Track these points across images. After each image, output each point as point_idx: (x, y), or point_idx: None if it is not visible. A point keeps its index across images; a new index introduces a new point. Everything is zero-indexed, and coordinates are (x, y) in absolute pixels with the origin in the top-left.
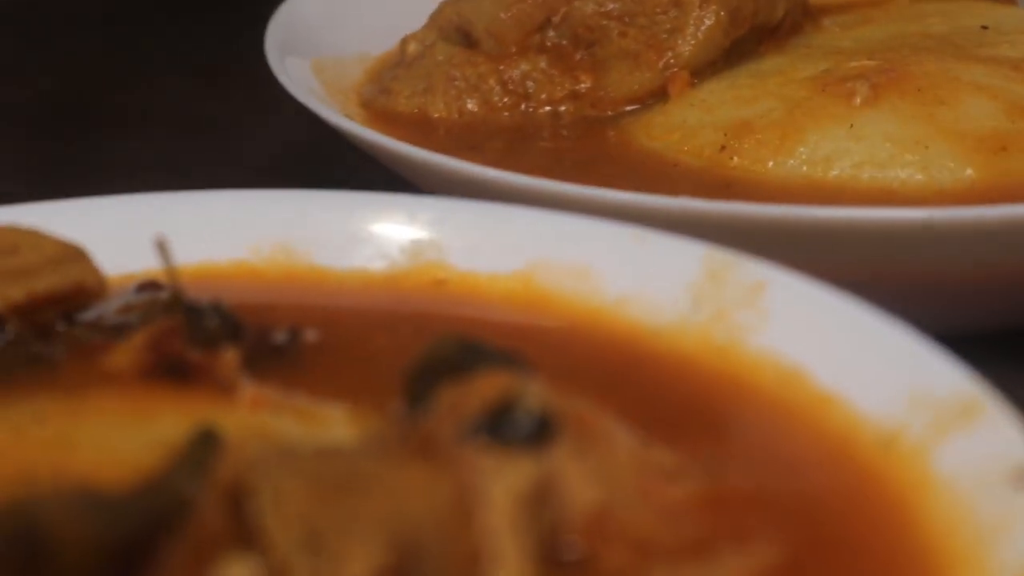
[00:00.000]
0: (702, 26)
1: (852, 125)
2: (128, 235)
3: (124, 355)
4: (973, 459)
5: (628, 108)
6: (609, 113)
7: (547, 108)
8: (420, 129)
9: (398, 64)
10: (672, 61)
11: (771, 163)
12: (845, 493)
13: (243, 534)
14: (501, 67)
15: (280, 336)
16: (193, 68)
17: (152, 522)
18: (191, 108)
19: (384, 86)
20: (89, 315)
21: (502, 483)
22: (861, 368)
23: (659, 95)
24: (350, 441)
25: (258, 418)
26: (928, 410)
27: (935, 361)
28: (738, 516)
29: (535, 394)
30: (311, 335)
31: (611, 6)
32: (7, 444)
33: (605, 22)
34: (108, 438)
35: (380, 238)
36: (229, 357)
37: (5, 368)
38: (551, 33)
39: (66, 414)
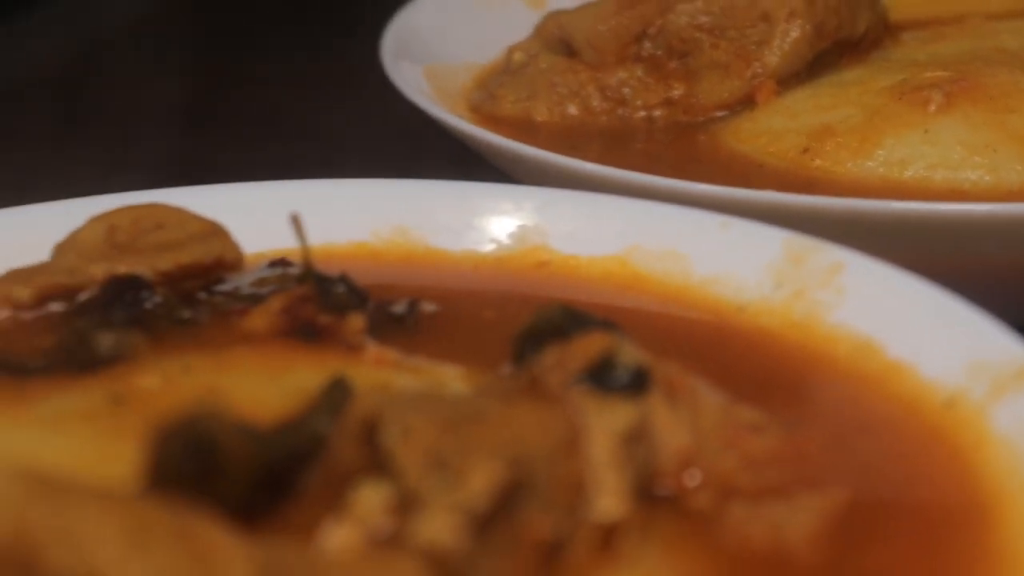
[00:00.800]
0: (788, 38)
1: (927, 130)
2: (261, 218)
3: (261, 318)
4: None
5: (718, 114)
6: (700, 119)
7: (642, 113)
8: (524, 131)
9: (504, 72)
10: (759, 71)
11: (850, 164)
12: (910, 448)
13: (374, 464)
14: (600, 75)
15: (400, 307)
16: (309, 79)
17: (294, 455)
18: (307, 115)
19: (491, 92)
20: (227, 286)
21: (604, 423)
22: (927, 340)
23: (747, 102)
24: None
25: (381, 373)
26: (986, 375)
27: (993, 332)
28: (813, 467)
29: (631, 351)
30: (427, 307)
31: (703, 19)
32: (160, 391)
33: (698, 34)
34: (250, 387)
35: (489, 224)
36: (355, 322)
37: (155, 329)
38: (647, 44)
39: (211, 366)
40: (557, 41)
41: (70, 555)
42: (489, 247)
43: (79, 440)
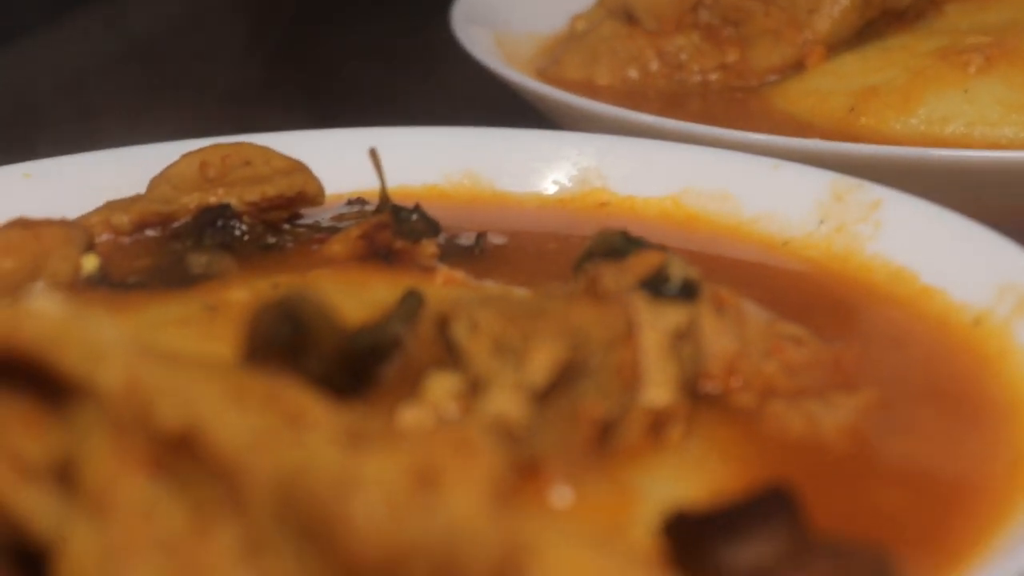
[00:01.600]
0: (838, 6)
1: (966, 90)
2: (341, 162)
3: (341, 244)
4: None
5: (769, 78)
6: (753, 83)
7: (698, 77)
8: (586, 93)
9: (568, 39)
10: (810, 37)
11: (894, 122)
12: (939, 359)
13: (445, 360)
14: (659, 41)
15: (468, 238)
16: (386, 53)
17: (373, 350)
18: (383, 85)
19: (556, 57)
20: (308, 220)
21: (656, 321)
22: (957, 266)
23: (797, 67)
24: None
25: (451, 290)
26: (1012, 295)
27: (1019, 257)
28: (848, 374)
29: (682, 267)
30: (494, 240)
31: None
32: (250, 303)
33: (751, 3)
34: (333, 300)
35: (552, 168)
36: (428, 247)
37: (243, 253)
38: (703, 12)
39: (297, 284)
40: (619, 10)
41: (177, 409)
42: (552, 189)
43: (178, 339)
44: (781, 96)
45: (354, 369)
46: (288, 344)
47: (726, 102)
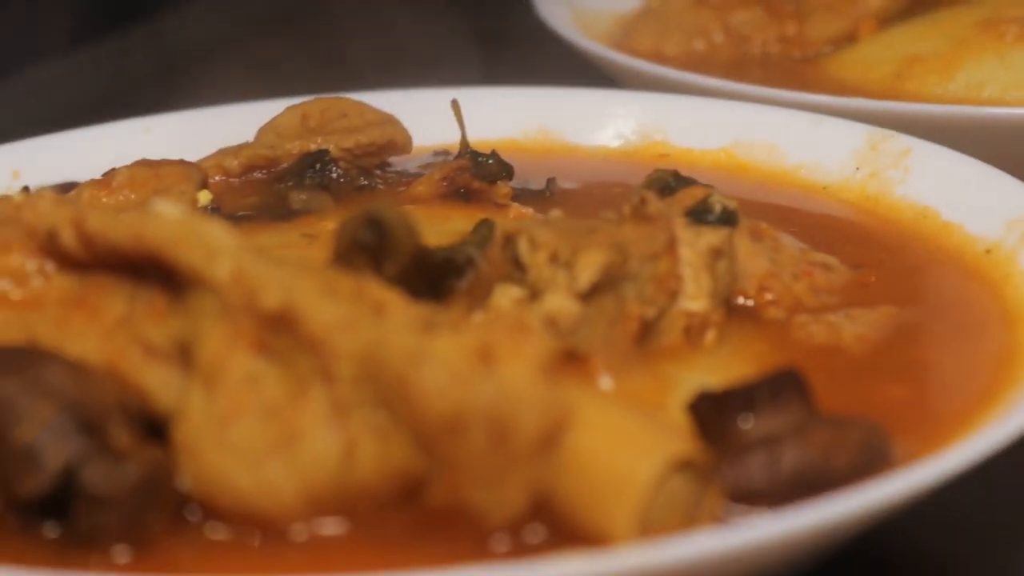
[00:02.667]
0: None
1: (1003, 57)
2: (429, 118)
3: (425, 185)
4: None
5: (825, 49)
6: (810, 53)
7: (759, 48)
8: (657, 62)
9: (641, 13)
10: (863, 11)
11: (936, 87)
12: (953, 281)
13: (513, 276)
14: (724, 15)
15: (539, 183)
16: (474, 34)
17: (450, 264)
18: (471, 58)
19: (629, 30)
20: (397, 166)
21: (695, 240)
22: (973, 204)
23: (850, 38)
24: None
25: (521, 222)
26: (1018, 228)
27: None
28: (870, 294)
29: (724, 200)
30: (564, 184)
31: None
32: None
33: None
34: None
35: (617, 123)
36: (502, 187)
37: (338, 192)
38: None
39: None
40: None
41: (277, 294)
42: (617, 142)
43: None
44: (835, 65)
45: (431, 279)
46: (371, 248)
47: (784, 71)
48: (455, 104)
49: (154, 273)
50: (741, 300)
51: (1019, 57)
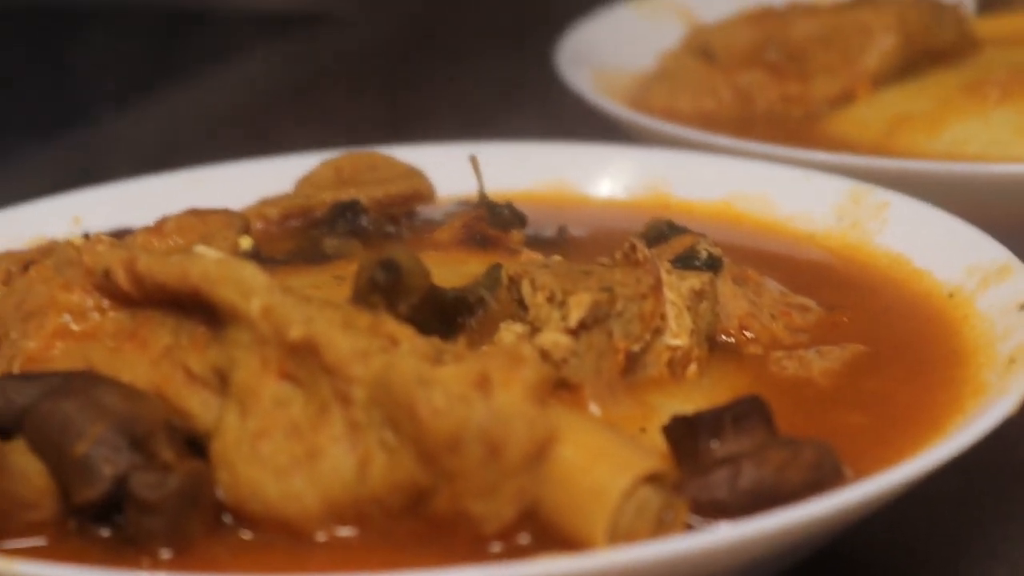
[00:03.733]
0: (883, 47)
1: (985, 117)
2: (450, 170)
3: (446, 232)
4: (1000, 300)
5: (824, 107)
6: (810, 111)
7: (764, 106)
8: (669, 119)
9: (657, 73)
10: (860, 73)
11: (923, 144)
12: (918, 323)
13: (517, 314)
14: (732, 76)
15: (551, 230)
16: (490, 87)
17: (462, 303)
18: (487, 113)
19: (645, 88)
20: (421, 215)
21: (678, 282)
22: (940, 253)
23: (848, 98)
24: None
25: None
26: (977, 274)
27: (986, 243)
28: (841, 333)
29: (710, 247)
30: (573, 232)
31: (816, 32)
32: None
33: (811, 44)
34: (436, 273)
35: (625, 175)
36: (516, 235)
37: (367, 238)
38: (771, 51)
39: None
40: (700, 49)
41: (301, 327)
42: (624, 194)
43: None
44: (833, 122)
45: (443, 316)
46: (386, 288)
47: (786, 127)
48: (474, 159)
49: (196, 309)
50: (723, 337)
51: (1001, 117)
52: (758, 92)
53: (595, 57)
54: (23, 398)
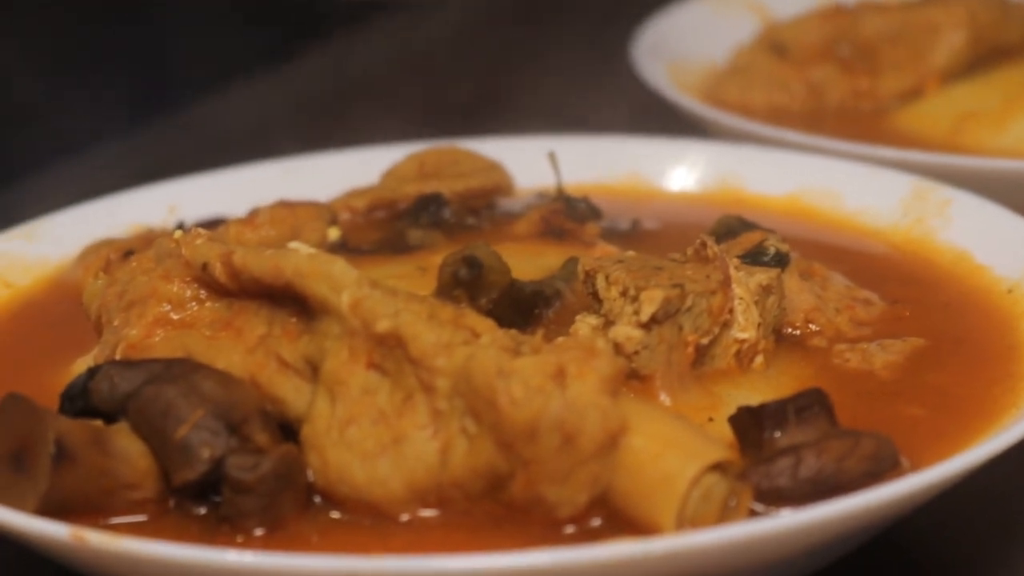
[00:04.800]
0: (952, 44)
1: None
2: (529, 166)
3: (524, 225)
4: None
5: (893, 102)
6: (880, 106)
7: (835, 101)
8: (742, 114)
9: (731, 68)
10: (928, 69)
11: (988, 140)
12: (978, 318)
13: (592, 306)
14: (804, 71)
15: (626, 223)
16: (567, 80)
17: (539, 296)
18: (562, 105)
19: (719, 83)
20: (501, 207)
21: (746, 278)
22: (1001, 249)
23: (916, 93)
24: None
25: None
26: None
27: None
28: (903, 327)
29: (779, 243)
30: (648, 225)
31: (886, 29)
32: None
33: (880, 40)
34: (515, 265)
35: (699, 169)
36: (591, 228)
37: (449, 230)
38: (842, 47)
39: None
40: (772, 44)
41: (388, 320)
42: (697, 187)
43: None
44: (901, 118)
45: (521, 309)
46: (468, 283)
47: (855, 122)
48: (552, 155)
49: (289, 301)
50: (789, 330)
51: None
52: (829, 87)
53: (670, 51)
54: (127, 384)
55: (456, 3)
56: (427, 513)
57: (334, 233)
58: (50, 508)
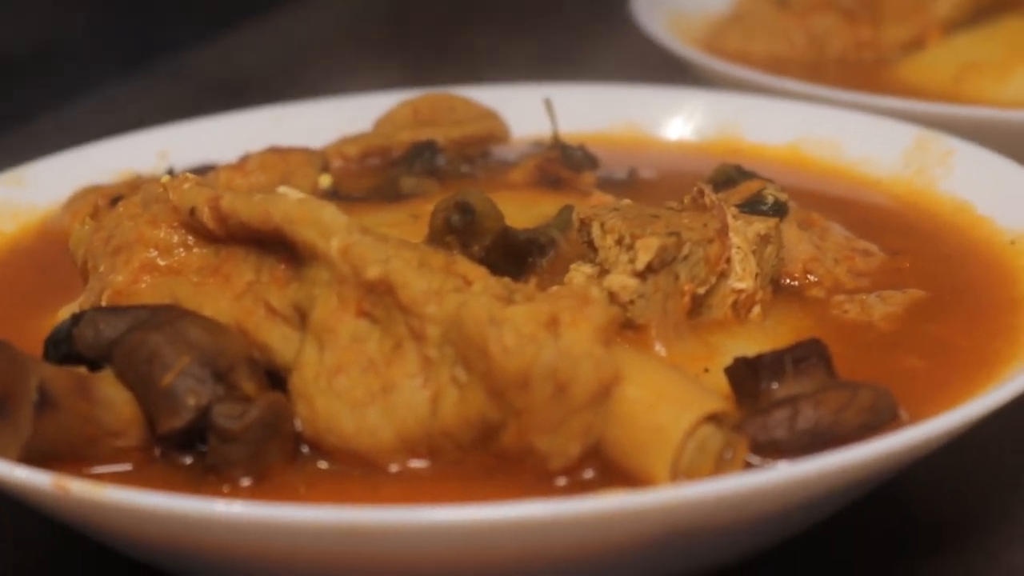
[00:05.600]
0: None
1: None
2: (526, 110)
3: (520, 173)
4: None
5: (895, 53)
6: (881, 56)
7: (836, 51)
8: (742, 63)
9: (731, 17)
10: (931, 19)
11: (990, 90)
12: (979, 269)
13: (587, 255)
14: (805, 20)
15: (622, 172)
16: (565, 27)
17: (533, 243)
18: (559, 53)
19: (718, 32)
20: (496, 155)
21: (744, 227)
22: (1003, 200)
23: (919, 44)
24: None
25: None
26: None
27: None
28: (903, 278)
29: (777, 192)
30: (645, 174)
31: None
32: None
33: None
34: (509, 213)
35: (697, 118)
36: (587, 177)
37: (443, 177)
38: None
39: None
40: None
41: (378, 267)
42: (695, 137)
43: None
44: (903, 68)
45: (514, 257)
46: (460, 229)
47: (857, 72)
48: (548, 102)
49: (278, 247)
50: (787, 280)
51: None
52: (830, 36)
53: (670, 0)
54: (112, 330)
55: None
56: (417, 463)
57: (326, 180)
58: (33, 456)
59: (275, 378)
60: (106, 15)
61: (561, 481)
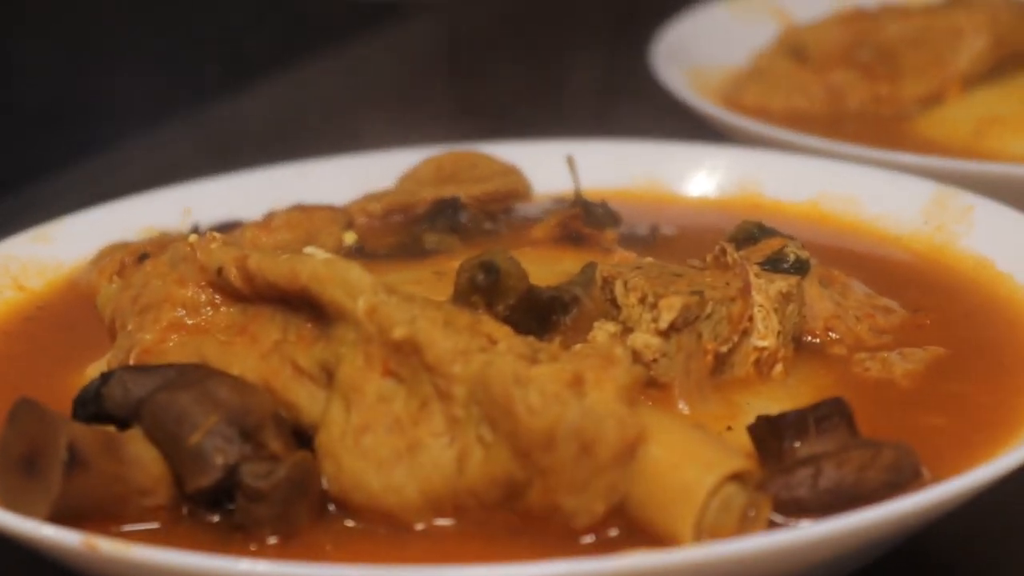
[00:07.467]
0: (974, 49)
1: None
2: (547, 170)
3: (542, 230)
4: None
5: (914, 107)
6: (901, 111)
7: (855, 106)
8: (761, 118)
9: (750, 71)
10: (950, 74)
11: (1012, 145)
12: (1000, 327)
13: (610, 313)
14: (824, 75)
15: (644, 229)
16: (584, 83)
17: (557, 302)
18: (581, 113)
19: (737, 86)
20: (518, 211)
21: (766, 285)
22: (1023, 256)
23: (938, 98)
24: None
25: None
26: None
27: None
28: (924, 336)
29: (798, 250)
30: (665, 231)
31: (907, 33)
32: None
33: (902, 44)
34: (532, 270)
35: (717, 174)
36: (609, 234)
37: (466, 235)
38: (862, 51)
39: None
40: (792, 48)
41: (404, 327)
42: (716, 193)
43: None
44: (922, 123)
45: (538, 315)
46: (485, 289)
47: (876, 127)
48: (570, 159)
49: (304, 306)
50: (808, 338)
51: None
52: (849, 92)
53: (689, 55)
54: (140, 389)
55: (473, 6)
56: (443, 522)
57: (350, 237)
58: (62, 515)
59: (302, 437)
60: (129, 69)
61: (586, 540)
